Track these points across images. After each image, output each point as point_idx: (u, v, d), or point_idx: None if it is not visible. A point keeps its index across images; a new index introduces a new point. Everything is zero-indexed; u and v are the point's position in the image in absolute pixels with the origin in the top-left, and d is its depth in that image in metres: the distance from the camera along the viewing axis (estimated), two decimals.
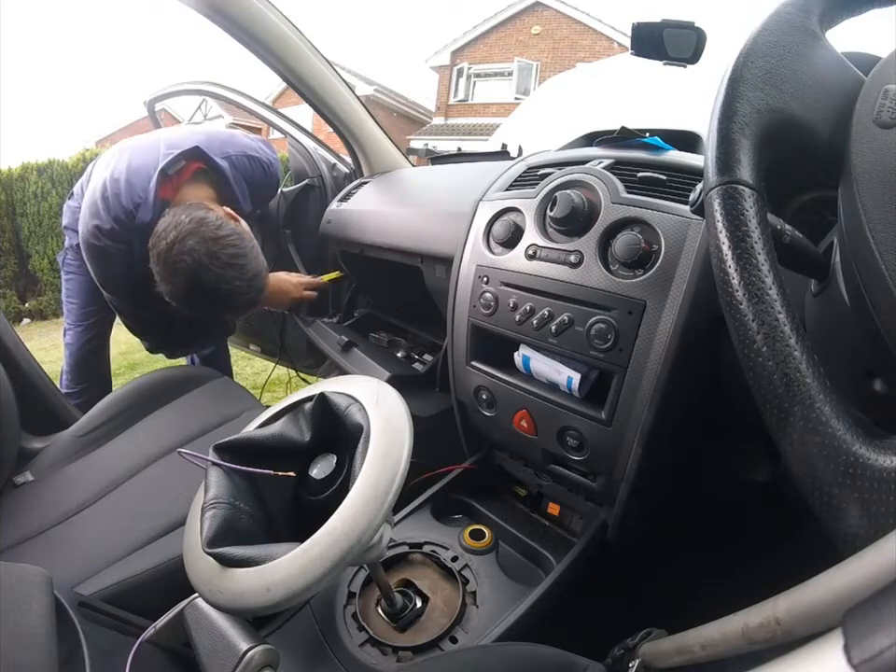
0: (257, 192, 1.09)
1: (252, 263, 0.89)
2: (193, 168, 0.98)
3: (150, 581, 0.63)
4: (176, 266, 0.83)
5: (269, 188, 1.17)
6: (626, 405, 0.55)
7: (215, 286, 0.84)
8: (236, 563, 0.38)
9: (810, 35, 0.33)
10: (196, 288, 0.84)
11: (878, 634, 0.15)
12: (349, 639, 0.55)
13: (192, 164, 0.98)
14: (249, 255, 0.89)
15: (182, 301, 0.88)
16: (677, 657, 0.36)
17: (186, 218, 0.85)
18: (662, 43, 0.63)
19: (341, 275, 1.27)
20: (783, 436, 0.25)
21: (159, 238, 0.85)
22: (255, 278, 0.89)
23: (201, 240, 0.83)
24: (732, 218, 0.28)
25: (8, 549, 0.68)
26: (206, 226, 0.85)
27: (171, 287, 0.86)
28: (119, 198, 0.93)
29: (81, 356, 1.24)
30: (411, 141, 9.89)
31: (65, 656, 0.40)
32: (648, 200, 0.55)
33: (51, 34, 63.86)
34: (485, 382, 0.70)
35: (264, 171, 1.09)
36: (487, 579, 0.61)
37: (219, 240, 0.85)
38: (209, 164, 0.99)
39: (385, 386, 0.47)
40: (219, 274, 0.84)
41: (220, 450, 0.45)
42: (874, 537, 0.20)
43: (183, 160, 0.96)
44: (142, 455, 0.84)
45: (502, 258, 0.66)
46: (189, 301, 0.87)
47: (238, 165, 1.03)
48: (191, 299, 0.87)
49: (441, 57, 12.54)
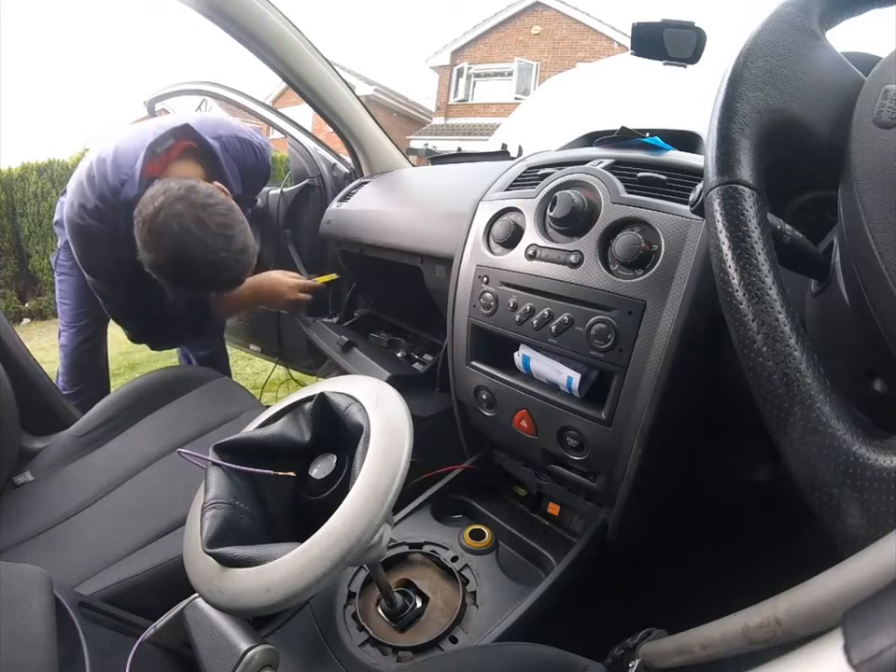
0: (247, 177, 1.06)
1: (240, 237, 0.85)
2: (182, 146, 0.95)
3: (150, 581, 0.63)
4: (162, 231, 0.79)
5: (260, 173, 1.13)
6: (626, 405, 0.55)
7: (200, 255, 0.81)
8: (236, 563, 0.37)
9: (810, 35, 0.33)
10: (180, 256, 0.80)
11: (878, 634, 0.15)
12: (349, 639, 0.55)
13: (181, 142, 0.95)
14: (238, 227, 0.86)
15: (165, 272, 0.83)
16: (677, 657, 0.36)
17: (175, 185, 0.82)
18: (662, 43, 0.63)
19: (337, 277, 1.26)
20: (783, 436, 0.25)
21: (145, 204, 0.81)
22: (242, 253, 0.86)
23: (189, 206, 0.80)
24: (732, 218, 0.28)
25: (8, 549, 0.68)
26: (196, 193, 0.82)
27: (154, 256, 0.82)
28: (106, 177, 0.90)
29: (77, 357, 1.22)
30: (411, 141, 9.89)
31: (65, 656, 0.40)
32: (648, 200, 0.55)
33: (52, 33, 63.91)
34: (485, 382, 0.70)
35: (255, 155, 1.07)
36: (487, 579, 0.62)
37: (209, 207, 0.82)
38: (199, 143, 0.96)
39: (385, 386, 0.47)
40: (206, 243, 0.81)
41: (220, 450, 0.44)
42: (874, 537, 0.20)
43: (172, 137, 0.94)
44: (142, 455, 0.84)
45: (502, 258, 0.66)
46: (171, 271, 0.83)
47: (229, 147, 1.01)
48: (175, 269, 0.82)
49: (441, 57, 12.54)
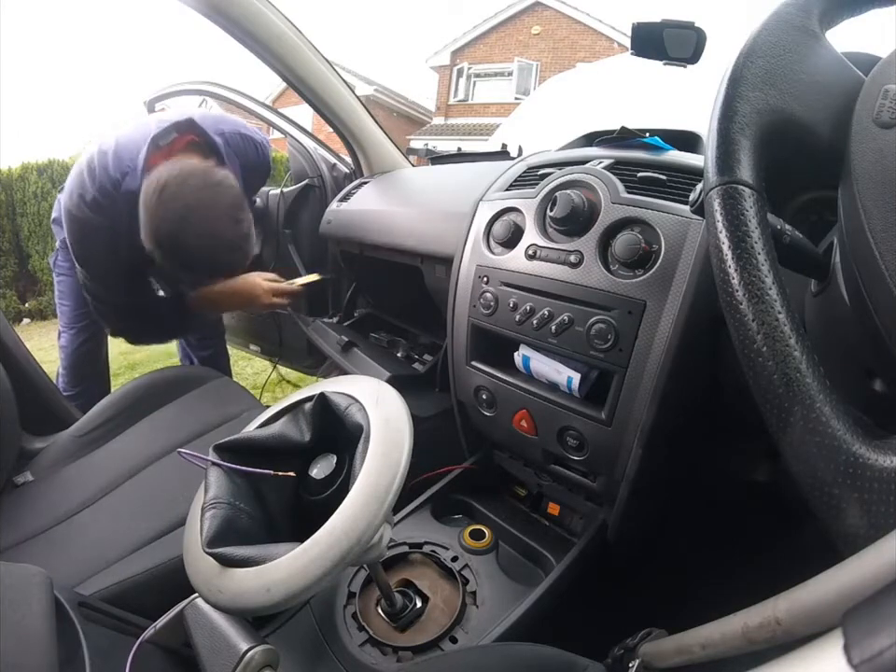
0: (248, 173, 1.06)
1: (247, 224, 0.84)
2: (186, 140, 0.95)
3: (150, 581, 0.63)
4: (171, 204, 0.78)
5: (260, 170, 1.13)
6: (626, 405, 0.55)
7: (207, 233, 0.79)
8: (236, 563, 0.37)
9: (810, 35, 0.33)
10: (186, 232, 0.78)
11: (878, 634, 0.15)
12: (349, 639, 0.55)
13: (185, 136, 0.95)
14: (246, 214, 0.84)
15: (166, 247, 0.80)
16: (677, 657, 0.36)
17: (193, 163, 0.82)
18: (662, 43, 0.63)
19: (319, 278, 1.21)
20: (783, 436, 0.25)
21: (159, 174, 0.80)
22: (246, 240, 0.85)
23: (204, 183, 0.80)
24: (732, 218, 0.28)
25: (8, 549, 0.68)
26: (209, 174, 0.82)
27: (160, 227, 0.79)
28: (107, 169, 0.89)
29: (77, 358, 1.22)
30: (411, 141, 9.88)
31: (65, 656, 0.40)
32: (648, 200, 0.55)
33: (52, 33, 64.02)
34: (485, 382, 0.70)
35: (256, 151, 1.08)
36: (487, 579, 0.62)
37: (222, 188, 0.81)
38: (202, 137, 0.96)
39: (385, 386, 0.47)
40: (215, 221, 0.79)
41: (220, 450, 0.44)
42: (874, 536, 0.20)
43: (175, 131, 0.93)
44: (142, 455, 0.84)
45: (502, 258, 0.66)
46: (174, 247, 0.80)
47: (231, 142, 1.01)
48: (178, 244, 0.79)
49: (441, 57, 12.53)
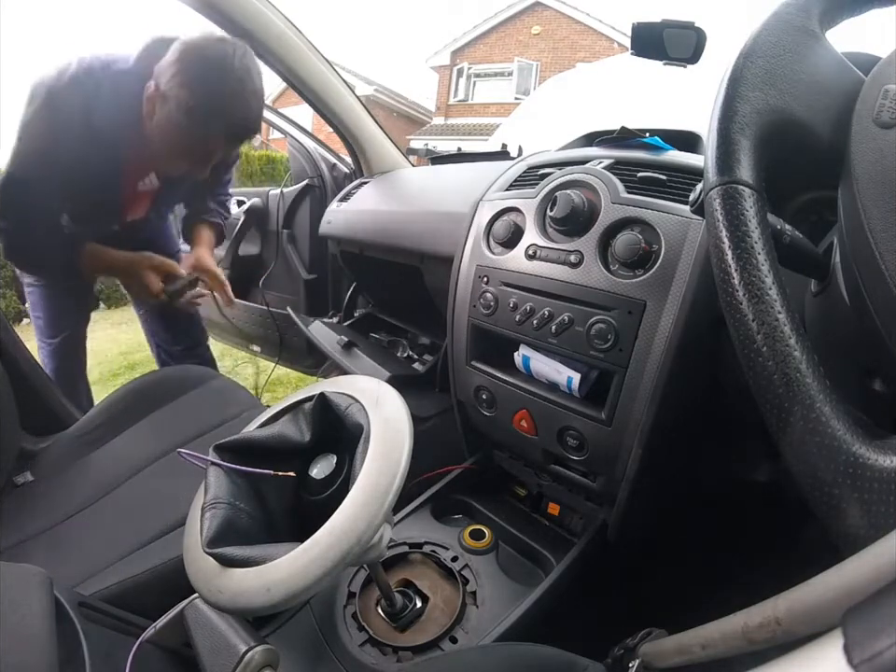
0: None
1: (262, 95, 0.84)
2: None
3: (150, 581, 0.63)
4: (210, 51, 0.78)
5: None
6: (626, 405, 0.55)
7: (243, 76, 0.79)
8: (236, 563, 0.37)
9: (810, 35, 0.33)
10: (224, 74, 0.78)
11: (879, 634, 0.15)
12: (349, 639, 0.55)
13: None
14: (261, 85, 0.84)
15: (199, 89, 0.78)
16: (677, 657, 0.36)
17: None
18: (662, 43, 0.64)
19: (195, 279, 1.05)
20: (783, 436, 0.25)
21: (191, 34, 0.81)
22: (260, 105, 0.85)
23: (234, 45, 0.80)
24: (732, 218, 0.28)
25: (8, 549, 0.68)
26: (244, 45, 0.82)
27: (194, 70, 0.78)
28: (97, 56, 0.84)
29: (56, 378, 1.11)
30: (411, 141, 9.88)
31: (65, 656, 0.40)
32: (648, 200, 0.55)
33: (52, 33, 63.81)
34: (485, 382, 0.70)
35: None
36: (487, 579, 0.62)
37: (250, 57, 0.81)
38: None
39: (385, 386, 0.47)
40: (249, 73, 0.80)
41: (220, 450, 0.44)
42: (874, 536, 0.20)
43: None
44: (142, 455, 0.84)
45: (502, 258, 0.66)
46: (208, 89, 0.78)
47: None
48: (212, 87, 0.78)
49: (441, 57, 12.54)
